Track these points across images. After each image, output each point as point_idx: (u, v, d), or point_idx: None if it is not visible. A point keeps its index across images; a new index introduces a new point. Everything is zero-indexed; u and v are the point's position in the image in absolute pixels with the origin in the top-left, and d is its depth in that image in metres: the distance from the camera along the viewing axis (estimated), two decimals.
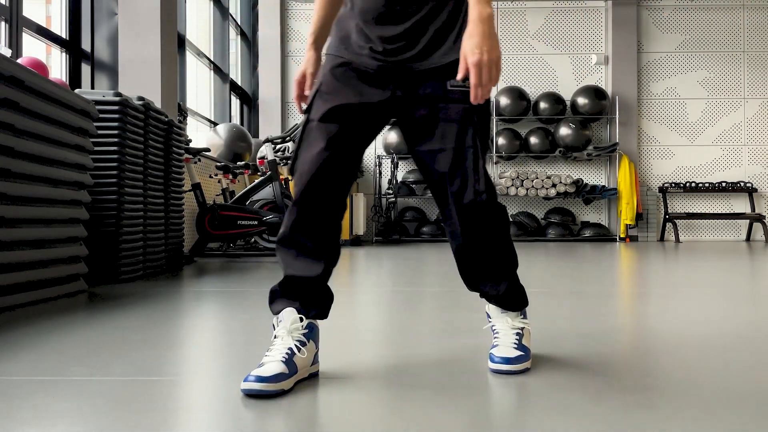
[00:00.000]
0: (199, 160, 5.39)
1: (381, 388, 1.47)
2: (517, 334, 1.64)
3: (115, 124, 3.54)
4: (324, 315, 1.57)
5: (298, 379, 1.45)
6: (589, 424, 1.20)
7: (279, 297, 1.54)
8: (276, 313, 1.53)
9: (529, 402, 1.37)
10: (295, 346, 1.45)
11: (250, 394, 1.36)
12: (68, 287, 2.98)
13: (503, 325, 1.67)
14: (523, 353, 1.58)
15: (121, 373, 1.57)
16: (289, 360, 1.42)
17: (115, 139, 3.53)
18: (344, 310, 2.69)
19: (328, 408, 1.33)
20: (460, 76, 1.41)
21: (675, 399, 1.35)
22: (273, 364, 1.40)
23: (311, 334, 1.51)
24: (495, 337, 1.66)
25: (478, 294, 1.72)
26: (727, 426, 1.19)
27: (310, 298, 1.53)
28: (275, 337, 1.49)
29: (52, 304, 2.73)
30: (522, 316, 1.70)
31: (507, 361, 1.55)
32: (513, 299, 1.68)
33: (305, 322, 1.51)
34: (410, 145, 1.58)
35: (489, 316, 1.74)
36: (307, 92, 1.62)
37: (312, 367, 1.52)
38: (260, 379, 1.36)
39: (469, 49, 1.38)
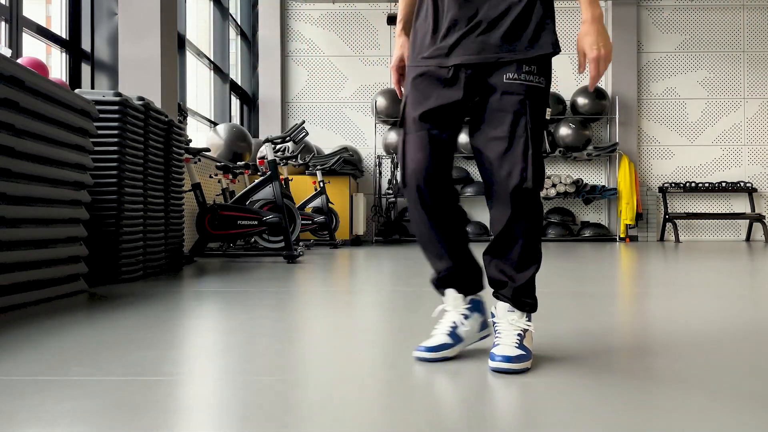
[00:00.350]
0: (199, 160, 5.39)
1: (380, 388, 1.47)
2: (519, 334, 1.64)
3: (115, 124, 3.54)
4: (479, 288, 1.78)
5: (465, 347, 1.73)
6: (591, 424, 1.20)
7: (439, 285, 1.78)
8: (441, 294, 1.78)
9: (530, 402, 1.37)
10: (460, 319, 1.72)
11: (421, 359, 1.66)
12: (68, 287, 2.98)
13: (506, 325, 1.67)
14: (524, 353, 1.59)
15: (121, 373, 1.57)
16: (453, 333, 1.70)
17: (115, 139, 3.53)
18: (344, 310, 2.69)
19: (325, 408, 1.33)
20: (581, 70, 1.64)
21: (676, 398, 1.35)
22: (438, 336, 1.70)
23: (475, 306, 1.76)
24: (497, 336, 1.67)
25: (493, 290, 1.74)
26: (729, 424, 1.19)
27: (461, 282, 1.75)
28: (445, 311, 1.76)
29: (52, 304, 2.73)
30: (527, 318, 1.70)
31: (508, 359, 1.55)
32: (525, 297, 1.69)
33: (467, 298, 1.75)
34: (471, 134, 1.70)
35: (493, 315, 1.74)
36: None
37: (481, 333, 1.77)
38: (427, 349, 1.67)
39: (588, 46, 1.60)
